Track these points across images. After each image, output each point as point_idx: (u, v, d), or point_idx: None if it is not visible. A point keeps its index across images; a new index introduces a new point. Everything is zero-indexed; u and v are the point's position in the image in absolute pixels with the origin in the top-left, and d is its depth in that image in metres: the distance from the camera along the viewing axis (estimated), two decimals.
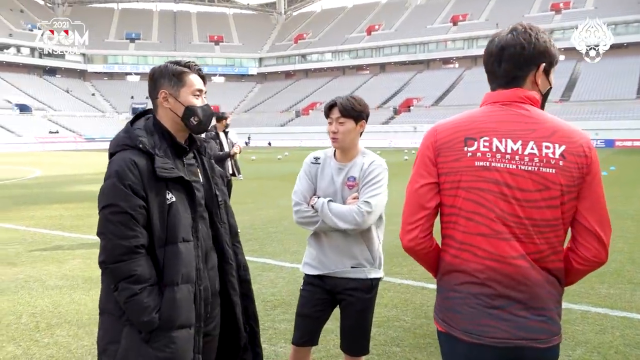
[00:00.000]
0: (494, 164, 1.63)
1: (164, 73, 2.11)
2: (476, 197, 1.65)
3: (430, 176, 1.72)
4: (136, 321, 1.92)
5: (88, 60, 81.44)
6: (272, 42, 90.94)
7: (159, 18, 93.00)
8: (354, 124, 2.70)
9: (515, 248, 1.62)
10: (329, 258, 2.74)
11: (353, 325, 2.78)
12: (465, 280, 1.69)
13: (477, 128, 1.69)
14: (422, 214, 1.73)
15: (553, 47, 1.74)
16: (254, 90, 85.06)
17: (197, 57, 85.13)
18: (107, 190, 1.96)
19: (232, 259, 2.24)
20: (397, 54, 77.04)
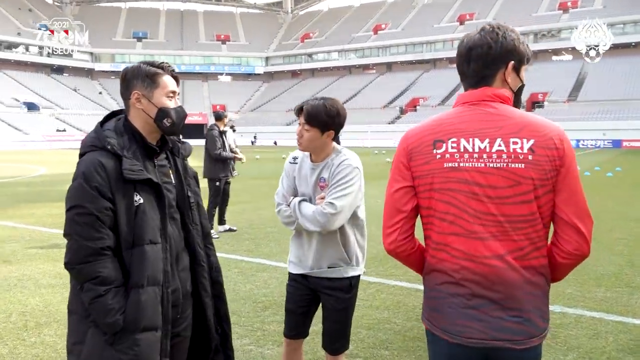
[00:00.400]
0: (462, 164, 1.65)
1: (137, 74, 2.09)
2: (448, 197, 1.67)
3: (405, 180, 1.75)
4: (100, 322, 1.92)
5: (95, 59, 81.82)
6: (278, 41, 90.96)
7: (166, 17, 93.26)
8: (319, 134, 2.62)
9: (490, 247, 1.63)
10: (307, 257, 2.76)
11: (332, 325, 2.81)
12: (443, 280, 1.71)
13: (445, 130, 1.70)
14: (399, 217, 1.76)
15: (522, 44, 1.74)
16: (261, 90, 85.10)
17: (203, 55, 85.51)
18: (74, 192, 1.96)
19: (204, 260, 2.23)
20: (403, 54, 76.85)
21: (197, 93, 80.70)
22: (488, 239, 1.63)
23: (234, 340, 4.02)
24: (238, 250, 7.07)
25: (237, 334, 4.21)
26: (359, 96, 73.46)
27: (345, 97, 73.98)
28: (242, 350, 3.92)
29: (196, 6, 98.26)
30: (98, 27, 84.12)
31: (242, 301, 5.04)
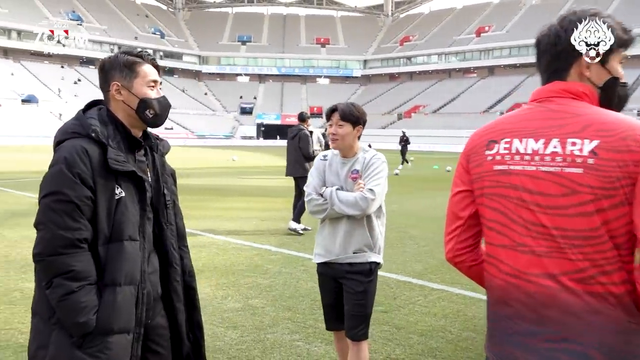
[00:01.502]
0: (512, 167, 1.46)
1: (114, 64, 1.98)
2: (496, 204, 1.50)
3: (463, 184, 1.61)
4: (69, 322, 1.78)
5: (203, 62, 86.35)
6: (377, 44, 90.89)
7: (269, 21, 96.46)
8: (352, 128, 3.00)
9: (541, 264, 1.39)
10: (333, 245, 3.00)
11: (352, 308, 2.98)
12: (493, 299, 1.53)
13: (501, 129, 1.54)
14: (456, 223, 1.63)
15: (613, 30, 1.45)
16: (358, 92, 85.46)
17: (303, 58, 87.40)
18: (53, 177, 1.82)
19: (177, 263, 2.11)
20: (507, 57, 73.81)
21: (295, 95, 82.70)
22: (539, 254, 1.39)
23: (285, 335, 4.17)
24: (307, 249, 7.19)
25: (289, 329, 4.31)
26: (458, 100, 71.61)
27: (444, 101, 72.44)
28: (290, 345, 4.01)
29: (298, 10, 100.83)
30: (206, 31, 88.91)
31: (301, 298, 5.13)
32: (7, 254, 6.63)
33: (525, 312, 1.41)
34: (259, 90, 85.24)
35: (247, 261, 6.58)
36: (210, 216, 9.98)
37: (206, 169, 21.89)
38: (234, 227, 8.94)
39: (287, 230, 8.57)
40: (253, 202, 12.13)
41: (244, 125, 73.61)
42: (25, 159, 25.14)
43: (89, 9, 79.00)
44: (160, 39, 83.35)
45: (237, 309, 4.78)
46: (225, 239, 7.94)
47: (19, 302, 4.81)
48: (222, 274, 5.96)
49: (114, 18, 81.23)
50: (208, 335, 4.13)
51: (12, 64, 66.72)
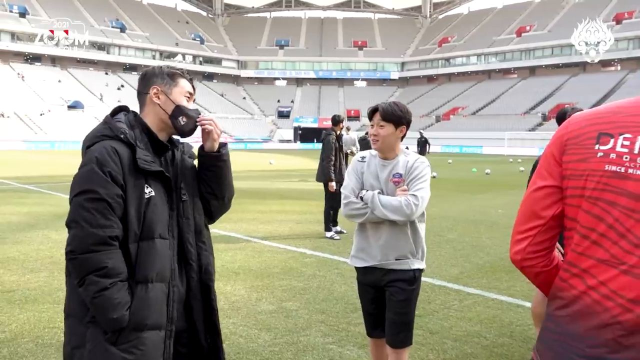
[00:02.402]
0: (632, 171, 1.23)
1: (157, 72, 2.11)
2: (599, 211, 1.27)
3: (551, 177, 1.37)
4: (103, 319, 1.82)
5: (241, 66, 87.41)
6: (415, 46, 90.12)
7: (307, 25, 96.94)
8: (394, 129, 2.86)
9: (639, 288, 1.20)
10: (374, 250, 2.88)
11: (394, 316, 2.88)
12: (567, 314, 1.31)
13: (619, 122, 1.28)
14: (534, 223, 1.39)
15: None
16: (395, 95, 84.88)
17: (341, 62, 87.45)
18: (85, 176, 1.87)
19: (193, 259, 2.10)
20: (549, 57, 71.97)
21: (333, 98, 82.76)
22: (638, 276, 1.20)
23: (318, 338, 4.18)
24: (342, 252, 7.19)
25: (322, 332, 4.32)
26: (498, 102, 70.26)
27: (483, 102, 71.20)
28: (323, 348, 4.01)
29: (336, 13, 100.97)
30: (245, 36, 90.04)
31: (335, 301, 5.14)
32: (52, 254, 6.88)
33: (605, 338, 1.23)
34: (297, 93, 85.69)
35: (282, 264, 6.63)
36: (247, 219, 10.09)
37: (244, 172, 22.15)
38: (269, 230, 9.02)
39: (322, 233, 8.59)
40: (289, 205, 12.22)
41: (282, 129, 74.13)
42: (70, 163, 25.91)
43: (132, 17, 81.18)
44: (200, 45, 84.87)
45: (271, 312, 4.82)
46: (260, 242, 8.02)
47: (62, 301, 4.93)
48: (257, 276, 6.03)
49: (156, 25, 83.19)
50: (242, 337, 4.20)
51: (59, 71, 69.17)
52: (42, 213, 10.38)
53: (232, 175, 2.28)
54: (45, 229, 8.66)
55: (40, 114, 56.55)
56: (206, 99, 76.00)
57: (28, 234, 8.23)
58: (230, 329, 4.36)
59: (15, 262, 6.43)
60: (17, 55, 67.01)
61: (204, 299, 2.13)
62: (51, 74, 67.19)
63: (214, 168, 2.17)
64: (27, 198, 12.84)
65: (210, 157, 2.16)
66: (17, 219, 9.69)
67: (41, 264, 6.37)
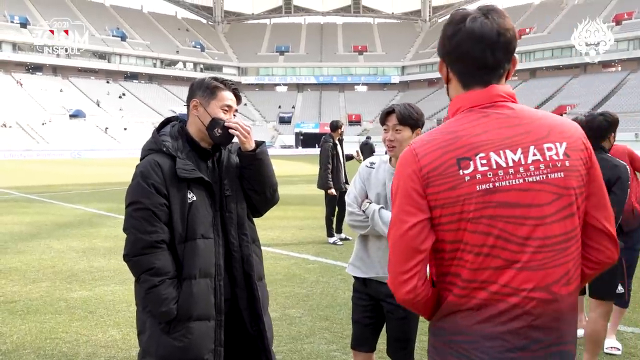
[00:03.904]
0: (498, 184, 1.35)
1: (200, 84, 2.28)
2: (484, 227, 1.36)
3: (421, 212, 1.40)
4: (155, 311, 2.09)
5: (242, 73, 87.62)
6: (415, 50, 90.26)
7: (307, 31, 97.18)
8: (411, 132, 2.69)
9: (534, 278, 1.36)
10: (373, 262, 2.75)
11: (394, 334, 2.78)
12: (476, 320, 1.40)
13: (468, 144, 1.38)
14: (417, 258, 1.42)
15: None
16: (396, 99, 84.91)
17: (341, 66, 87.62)
18: (132, 189, 2.16)
19: (235, 250, 2.28)
20: (549, 58, 72.07)
21: (334, 103, 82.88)
22: (533, 269, 1.36)
23: (321, 345, 4.15)
24: (345, 258, 7.13)
25: (326, 340, 4.28)
26: None
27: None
28: (327, 355, 3.99)
29: (335, 19, 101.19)
30: (245, 43, 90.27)
31: (338, 307, 5.10)
32: (54, 264, 6.86)
33: (518, 327, 1.36)
34: (298, 99, 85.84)
35: (285, 270, 6.60)
36: None
37: None
38: (272, 236, 8.99)
39: (325, 239, 8.56)
40: (291, 211, 12.19)
41: (283, 135, 74.24)
42: (72, 172, 26.13)
43: (132, 26, 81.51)
44: (201, 52, 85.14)
45: (274, 319, 4.73)
46: (263, 249, 7.91)
47: (64, 311, 4.96)
48: None
49: (156, 33, 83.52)
50: None
51: (61, 80, 69.42)
52: (44, 222, 10.37)
53: (273, 171, 2.41)
54: (47, 238, 8.65)
55: (42, 124, 56.73)
56: None
57: (30, 244, 8.21)
58: None
59: (17, 273, 6.42)
60: (19, 66, 67.30)
61: (247, 287, 2.30)
62: (53, 83, 67.44)
63: (251, 166, 2.31)
64: (29, 207, 12.84)
65: (246, 156, 2.30)
66: (19, 228, 9.68)
67: (43, 274, 6.35)
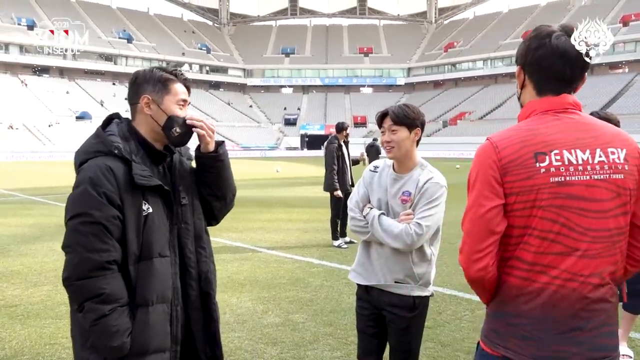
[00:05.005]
0: (569, 178, 1.55)
1: (148, 78, 1.97)
2: (552, 215, 1.54)
3: (498, 198, 1.58)
4: (103, 347, 1.75)
5: (248, 75, 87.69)
6: (421, 51, 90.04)
7: (312, 32, 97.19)
8: (408, 132, 2.62)
9: (592, 265, 1.55)
10: (375, 269, 2.67)
11: (396, 344, 2.68)
12: (537, 304, 1.57)
13: (544, 141, 1.58)
14: (491, 239, 1.60)
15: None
16: (401, 100, 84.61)
17: (347, 68, 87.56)
18: (79, 198, 1.78)
19: (192, 265, 1.99)
20: None
21: (339, 105, 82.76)
22: (591, 257, 1.55)
23: (325, 352, 4.06)
24: (350, 262, 7.02)
25: (330, 346, 4.19)
26: (505, 106, 69.94)
27: (490, 107, 70.98)
28: None
29: (341, 20, 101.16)
30: (251, 45, 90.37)
31: (343, 312, 5.01)
32: (57, 267, 6.79)
33: (579, 312, 1.54)
34: (303, 101, 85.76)
35: (289, 274, 6.51)
36: (253, 228, 9.99)
37: (250, 181, 22.08)
38: (276, 239, 8.90)
39: (329, 242, 8.47)
40: (296, 214, 12.10)
41: (289, 137, 74.16)
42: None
43: (138, 28, 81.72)
44: (207, 54, 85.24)
45: (278, 324, 4.70)
46: (267, 252, 7.91)
47: (65, 316, 4.87)
48: (263, 287, 5.91)
49: (162, 35, 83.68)
50: (247, 352, 4.08)
51: (67, 82, 69.65)
52: (48, 225, 10.32)
53: (232, 173, 2.19)
54: (50, 240, 8.59)
55: (49, 125, 56.89)
56: (212, 107, 76.27)
57: (33, 246, 8.16)
58: (236, 343, 4.24)
59: (18, 276, 6.36)
60: (26, 68, 67.56)
61: (204, 308, 2.02)
62: (59, 85, 67.67)
63: (212, 169, 2.06)
64: (33, 209, 12.80)
65: (207, 158, 2.06)
66: (22, 230, 9.63)
67: (45, 278, 6.28)
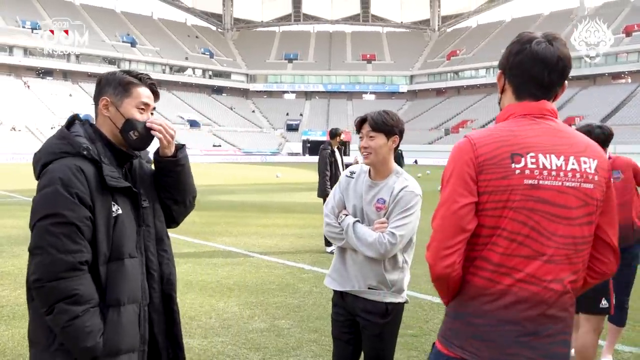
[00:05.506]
0: (542, 182, 1.56)
1: (110, 80, 1.96)
2: (523, 217, 1.55)
3: (472, 195, 1.58)
4: (76, 348, 1.74)
5: (251, 80, 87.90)
6: (424, 59, 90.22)
7: (315, 39, 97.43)
8: (385, 139, 2.62)
9: (555, 270, 1.56)
10: (349, 275, 2.67)
11: (369, 351, 2.68)
12: (499, 306, 1.56)
13: (521, 143, 1.58)
14: (461, 237, 1.59)
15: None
16: (404, 108, 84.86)
17: (349, 75, 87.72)
18: (49, 198, 1.76)
19: (154, 268, 1.99)
20: None
21: (341, 111, 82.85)
22: (555, 262, 1.55)
23: (308, 359, 4.03)
24: None
25: (313, 353, 4.18)
26: None
27: (493, 115, 70.89)
28: None
29: (344, 27, 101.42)
30: (254, 50, 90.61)
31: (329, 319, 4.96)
32: None
33: (534, 314, 1.54)
34: (305, 107, 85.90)
35: (279, 280, 6.50)
36: (248, 233, 9.99)
37: (250, 186, 22.10)
38: (270, 245, 8.90)
39: (323, 248, 8.46)
40: (292, 219, 12.10)
41: (290, 142, 74.21)
42: None
43: (142, 32, 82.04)
44: (210, 59, 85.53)
45: (262, 330, 4.68)
46: (259, 257, 7.90)
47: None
48: (251, 292, 5.90)
49: (166, 40, 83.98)
50: (229, 356, 4.07)
51: (70, 85, 69.91)
52: None
53: (192, 176, 2.17)
54: None
55: (51, 128, 56.97)
56: (215, 112, 76.46)
57: (26, 248, 8.13)
58: (219, 348, 4.23)
59: (9, 277, 6.35)
60: (29, 70, 67.89)
61: (166, 311, 2.04)
62: (62, 88, 67.92)
63: (172, 174, 2.05)
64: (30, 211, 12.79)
65: (166, 162, 2.04)
66: (17, 232, 9.62)
67: None
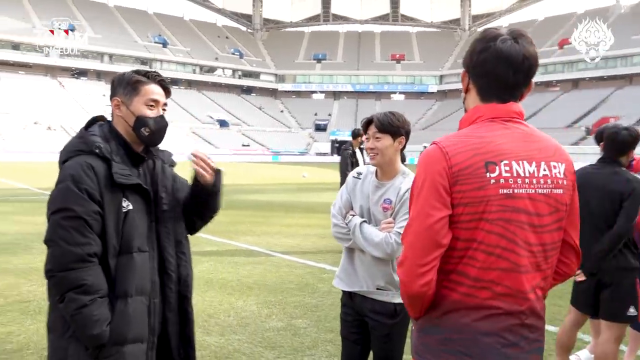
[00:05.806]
0: (517, 190, 1.50)
1: (121, 81, 2.06)
2: (500, 229, 1.48)
3: (446, 208, 1.48)
4: (84, 335, 1.84)
5: (279, 80, 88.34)
6: (454, 59, 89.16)
7: (344, 39, 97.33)
8: (392, 140, 2.65)
9: (531, 280, 1.53)
10: (358, 275, 2.68)
11: (378, 352, 2.69)
12: (476, 318, 1.51)
13: (494, 150, 1.51)
14: (437, 252, 1.50)
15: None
16: (433, 108, 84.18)
17: (378, 75, 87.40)
18: (61, 194, 1.89)
19: (172, 269, 2.07)
20: (593, 69, 70.01)
21: (370, 111, 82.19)
22: (530, 272, 1.51)
23: (322, 358, 4.05)
24: None
25: (328, 352, 4.20)
26: (539, 115, 68.66)
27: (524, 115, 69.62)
28: None
29: (373, 27, 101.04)
30: (283, 50, 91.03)
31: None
32: None
33: (513, 325, 1.51)
34: (334, 107, 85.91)
35: (298, 279, 6.54)
36: (271, 232, 10.06)
37: (276, 185, 22.24)
38: (292, 244, 8.95)
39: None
40: (315, 219, 12.12)
41: (319, 142, 74.31)
42: None
43: (174, 33, 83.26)
44: (239, 59, 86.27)
45: (279, 329, 4.72)
46: (281, 256, 7.95)
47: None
48: (270, 291, 5.95)
49: (197, 40, 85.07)
50: (245, 354, 4.11)
51: (104, 85, 71.35)
52: None
53: (222, 195, 2.25)
54: None
55: None
56: (244, 112, 77.10)
57: None
58: (235, 345, 4.29)
59: (36, 273, 6.54)
60: (65, 71, 69.61)
61: (180, 311, 2.12)
62: (96, 88, 69.43)
63: (207, 198, 2.17)
64: None
65: (201, 189, 2.15)
66: None
67: None
